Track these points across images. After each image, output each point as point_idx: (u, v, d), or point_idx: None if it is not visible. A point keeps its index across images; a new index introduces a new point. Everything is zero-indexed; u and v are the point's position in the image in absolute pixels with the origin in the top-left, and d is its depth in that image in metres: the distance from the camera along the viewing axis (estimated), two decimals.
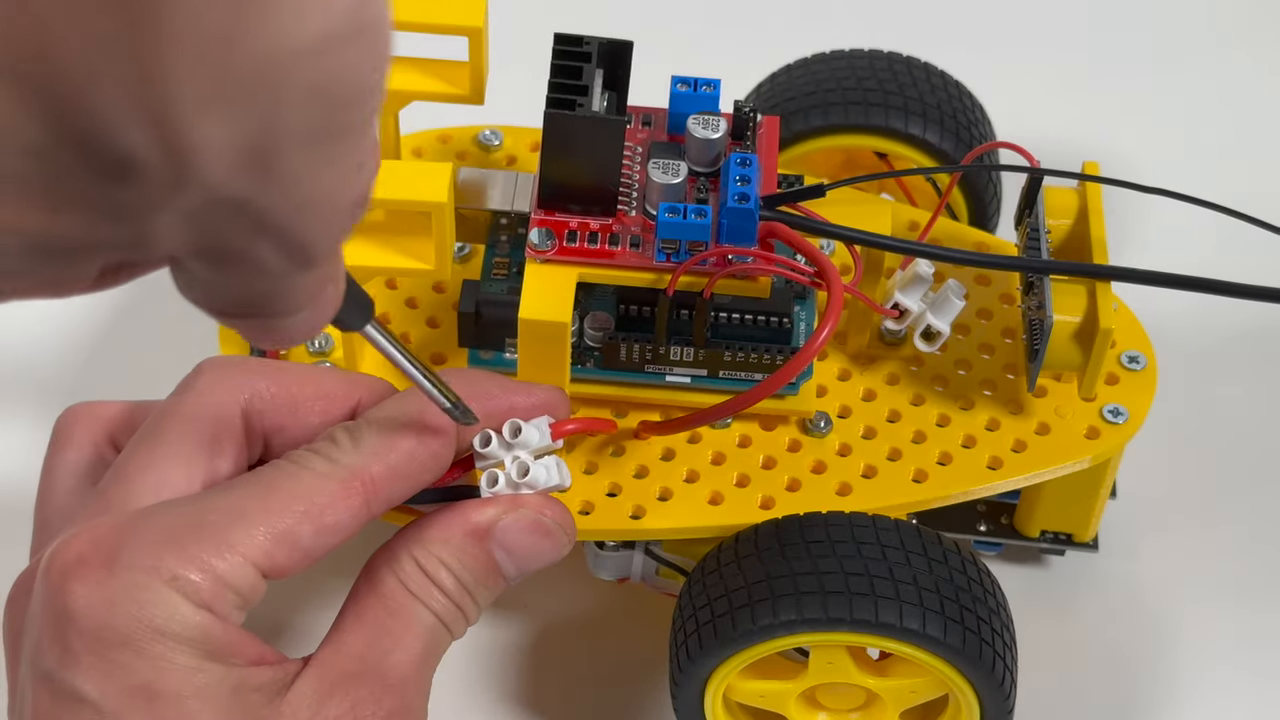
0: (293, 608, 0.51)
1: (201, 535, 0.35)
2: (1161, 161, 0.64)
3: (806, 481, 0.46)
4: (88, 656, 0.34)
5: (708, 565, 0.45)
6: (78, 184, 0.26)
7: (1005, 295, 0.51)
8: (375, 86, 0.27)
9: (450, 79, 0.48)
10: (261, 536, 0.36)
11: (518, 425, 0.40)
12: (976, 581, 0.44)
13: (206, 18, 0.24)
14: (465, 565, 0.39)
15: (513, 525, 0.39)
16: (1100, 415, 0.48)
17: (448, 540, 0.39)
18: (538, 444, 0.40)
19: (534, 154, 0.53)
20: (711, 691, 0.45)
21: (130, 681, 0.34)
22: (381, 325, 0.37)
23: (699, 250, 0.43)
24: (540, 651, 0.52)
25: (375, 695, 0.37)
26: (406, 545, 0.39)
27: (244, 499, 0.36)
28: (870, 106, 0.53)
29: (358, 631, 0.38)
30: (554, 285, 0.44)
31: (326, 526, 0.37)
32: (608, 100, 0.45)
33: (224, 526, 0.36)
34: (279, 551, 0.36)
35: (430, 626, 0.38)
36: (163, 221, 0.27)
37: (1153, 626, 0.53)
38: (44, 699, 0.35)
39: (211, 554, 0.35)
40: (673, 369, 0.47)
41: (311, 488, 0.37)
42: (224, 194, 0.27)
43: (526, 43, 0.55)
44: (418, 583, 0.38)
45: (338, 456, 0.37)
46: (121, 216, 0.27)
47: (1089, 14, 0.70)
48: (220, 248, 0.28)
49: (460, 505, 0.39)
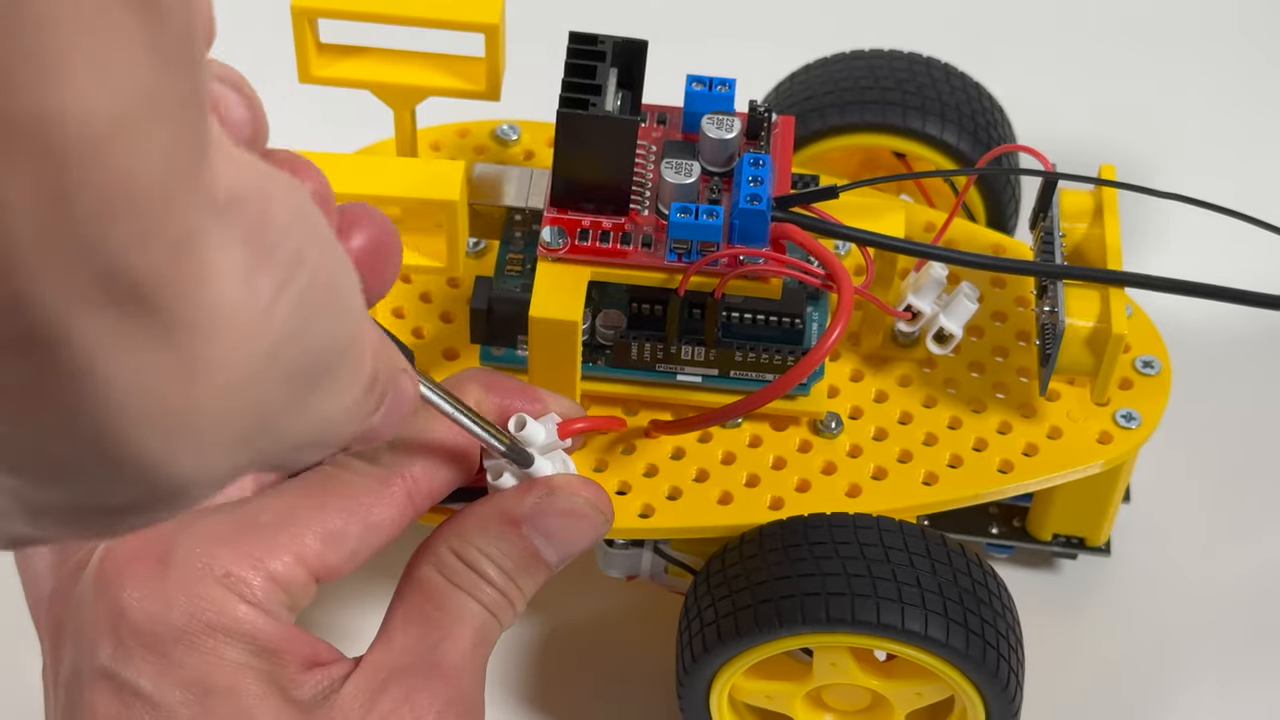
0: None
1: (253, 536, 0.36)
2: (1182, 162, 0.64)
3: (816, 482, 0.46)
4: (141, 651, 0.35)
5: (714, 565, 0.45)
6: None
7: (1020, 298, 0.50)
8: None
9: (467, 75, 0.48)
10: (311, 537, 0.37)
11: (523, 419, 0.40)
12: (982, 584, 0.44)
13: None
14: (505, 553, 0.39)
15: (548, 509, 0.40)
16: (1113, 420, 0.48)
17: (485, 530, 0.39)
18: (544, 442, 0.41)
19: (551, 149, 0.53)
20: (717, 691, 0.46)
21: (184, 676, 0.35)
22: (426, 376, 0.37)
23: (710, 250, 0.43)
24: (548, 648, 0.52)
25: (430, 685, 0.37)
26: (445, 539, 0.39)
27: (293, 501, 0.37)
28: (888, 106, 0.52)
29: (406, 629, 0.38)
30: (565, 284, 0.44)
31: (373, 525, 0.37)
32: (622, 99, 0.45)
33: (276, 527, 0.36)
34: (329, 552, 0.37)
35: (478, 616, 0.39)
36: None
37: (1164, 631, 0.52)
38: (105, 694, 0.35)
39: (264, 554, 0.36)
40: (684, 368, 0.47)
41: (356, 489, 0.38)
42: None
43: (550, 37, 0.55)
44: (461, 574, 0.39)
45: (378, 457, 0.38)
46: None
47: (1111, 14, 0.70)
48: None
49: (496, 496, 0.40)
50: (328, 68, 0.48)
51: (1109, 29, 0.69)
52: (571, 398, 0.44)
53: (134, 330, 0.23)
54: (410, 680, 0.37)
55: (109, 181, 0.22)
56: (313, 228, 0.26)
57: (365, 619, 0.51)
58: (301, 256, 0.25)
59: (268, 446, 0.26)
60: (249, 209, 0.24)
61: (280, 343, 0.25)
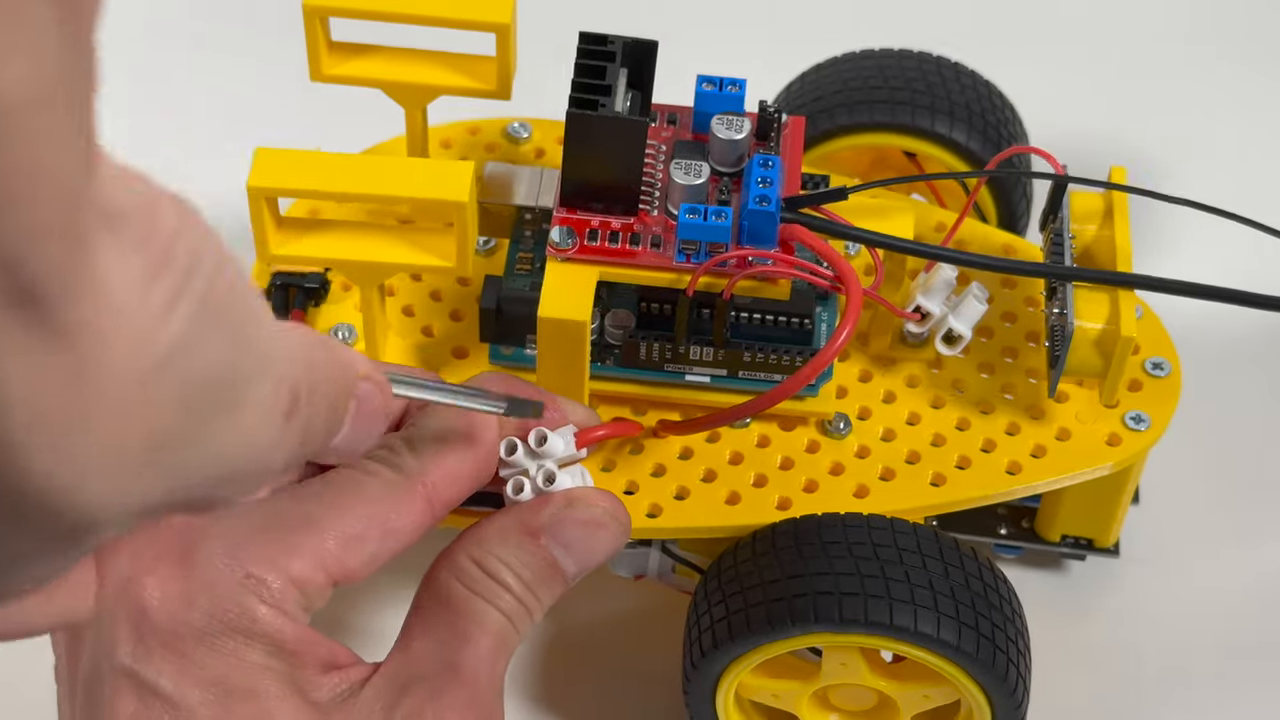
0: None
1: (274, 537, 0.36)
2: (1194, 164, 0.64)
3: (824, 483, 0.46)
4: (162, 651, 0.35)
5: (724, 563, 0.45)
6: None
7: (1030, 299, 0.50)
8: None
9: (478, 75, 0.48)
10: (331, 541, 0.37)
11: (544, 434, 0.41)
12: (992, 588, 0.44)
13: None
14: (524, 563, 0.39)
15: (566, 520, 0.40)
16: (1122, 422, 0.48)
17: (505, 540, 0.39)
18: (563, 453, 0.41)
19: (561, 147, 0.53)
20: (724, 689, 0.46)
21: (204, 677, 0.35)
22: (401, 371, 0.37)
23: (719, 251, 0.43)
24: (555, 647, 0.52)
25: (451, 691, 0.37)
26: (465, 548, 0.39)
27: (314, 504, 0.37)
28: (897, 105, 0.52)
29: (425, 636, 0.38)
30: (574, 284, 0.44)
31: (392, 531, 0.37)
32: (631, 100, 0.45)
33: (295, 529, 0.37)
34: (347, 555, 0.37)
35: (497, 623, 0.39)
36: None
37: (1173, 633, 0.52)
38: (126, 693, 0.35)
39: (284, 556, 0.36)
40: (692, 368, 0.47)
41: (376, 494, 0.38)
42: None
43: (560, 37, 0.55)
44: (481, 583, 0.39)
45: (399, 463, 0.38)
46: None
47: (1123, 14, 0.70)
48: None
49: (515, 507, 0.40)
50: (339, 66, 0.48)
51: (1121, 29, 0.69)
52: (581, 399, 0.44)
53: (25, 330, 0.22)
54: (430, 685, 0.37)
55: (13, 166, 0.21)
56: (206, 241, 0.25)
57: (384, 621, 0.51)
58: (194, 267, 0.25)
59: (177, 475, 0.25)
60: (139, 216, 0.24)
61: (175, 353, 0.24)
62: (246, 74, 0.66)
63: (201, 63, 0.67)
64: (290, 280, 0.49)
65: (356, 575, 0.37)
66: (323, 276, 0.49)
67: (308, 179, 0.43)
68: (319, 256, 0.44)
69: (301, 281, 0.49)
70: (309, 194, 0.44)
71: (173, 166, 0.68)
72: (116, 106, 0.65)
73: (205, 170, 0.62)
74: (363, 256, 0.44)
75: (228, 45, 0.68)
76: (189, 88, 0.66)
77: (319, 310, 0.49)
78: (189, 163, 0.63)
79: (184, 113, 0.65)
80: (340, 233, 0.44)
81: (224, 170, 0.52)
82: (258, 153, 0.43)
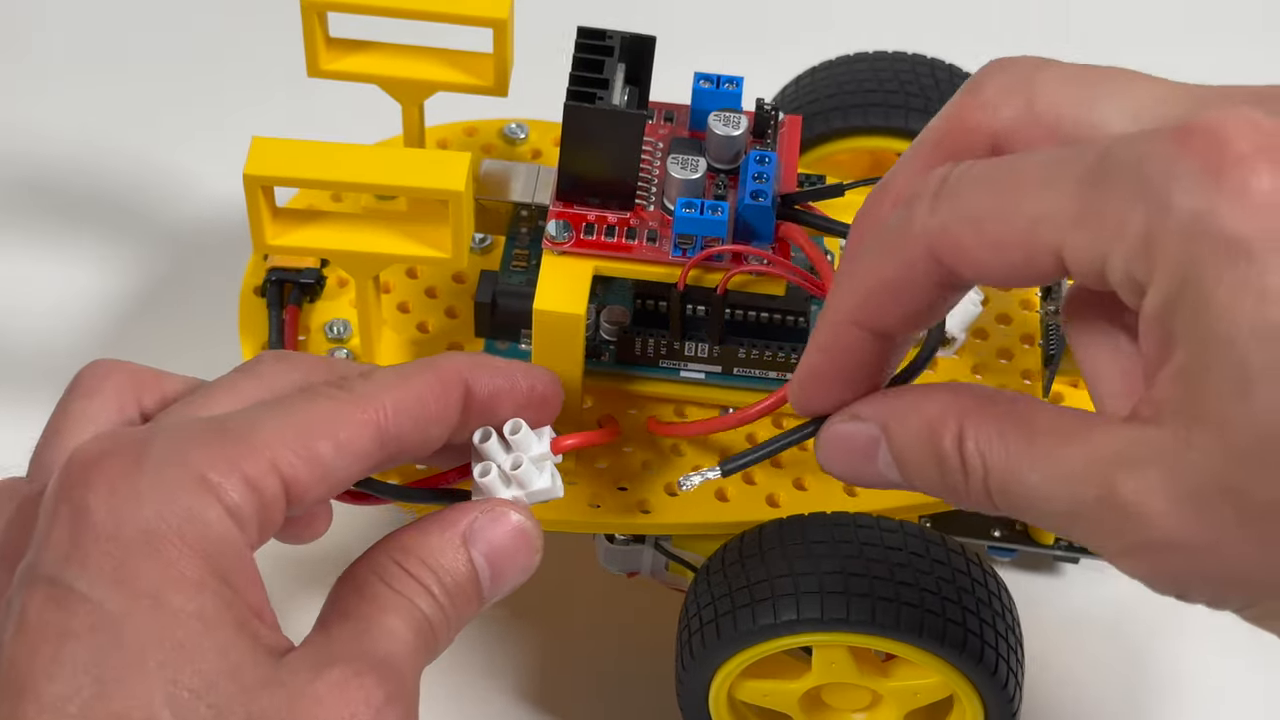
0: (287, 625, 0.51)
1: (227, 439, 0.35)
2: None
3: (814, 481, 0.46)
4: (97, 555, 0.33)
5: (714, 563, 0.45)
6: None
7: (1025, 301, 0.50)
8: None
9: (475, 71, 0.48)
10: (285, 447, 0.35)
11: (519, 424, 0.40)
12: (981, 584, 0.44)
13: None
14: (445, 566, 0.38)
15: (490, 525, 0.38)
16: None
17: (426, 541, 0.38)
18: (536, 451, 0.40)
19: (558, 148, 0.53)
20: (715, 690, 0.46)
21: (138, 585, 0.33)
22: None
23: (712, 245, 0.44)
24: (548, 645, 0.52)
25: (376, 671, 0.35)
26: (387, 550, 0.38)
27: (265, 414, 0.36)
28: (890, 109, 0.53)
29: (344, 625, 0.36)
30: (570, 277, 0.44)
31: (343, 444, 0.36)
32: (629, 95, 0.45)
33: (248, 433, 0.35)
34: (301, 465, 0.35)
35: (420, 620, 0.37)
36: None
37: (1165, 635, 0.52)
38: (39, 600, 0.33)
39: (239, 456, 0.34)
40: (687, 365, 0.47)
41: (327, 409, 0.36)
42: None
43: (558, 34, 0.55)
44: (402, 581, 0.37)
45: (351, 386, 0.37)
46: None
47: (1116, 16, 0.70)
48: None
49: (438, 513, 0.39)
50: (336, 62, 0.48)
51: (1114, 30, 0.70)
52: (575, 393, 0.44)
53: None
54: (355, 664, 0.35)
55: None
56: None
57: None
58: None
59: None
60: None
61: None
62: (246, 72, 0.66)
63: (200, 60, 0.67)
64: (285, 276, 0.49)
65: (309, 491, 0.36)
66: (318, 272, 0.49)
67: (304, 168, 0.43)
68: (314, 247, 0.44)
69: (297, 277, 0.49)
70: (305, 183, 0.43)
71: (172, 163, 0.68)
72: (115, 105, 0.66)
73: (205, 169, 0.63)
74: (358, 247, 0.44)
75: (222, 43, 0.68)
76: (188, 85, 0.66)
77: (314, 306, 0.49)
78: (189, 161, 0.63)
79: (184, 112, 0.65)
80: (336, 224, 0.44)
81: (225, 170, 0.52)
82: (254, 142, 0.43)
